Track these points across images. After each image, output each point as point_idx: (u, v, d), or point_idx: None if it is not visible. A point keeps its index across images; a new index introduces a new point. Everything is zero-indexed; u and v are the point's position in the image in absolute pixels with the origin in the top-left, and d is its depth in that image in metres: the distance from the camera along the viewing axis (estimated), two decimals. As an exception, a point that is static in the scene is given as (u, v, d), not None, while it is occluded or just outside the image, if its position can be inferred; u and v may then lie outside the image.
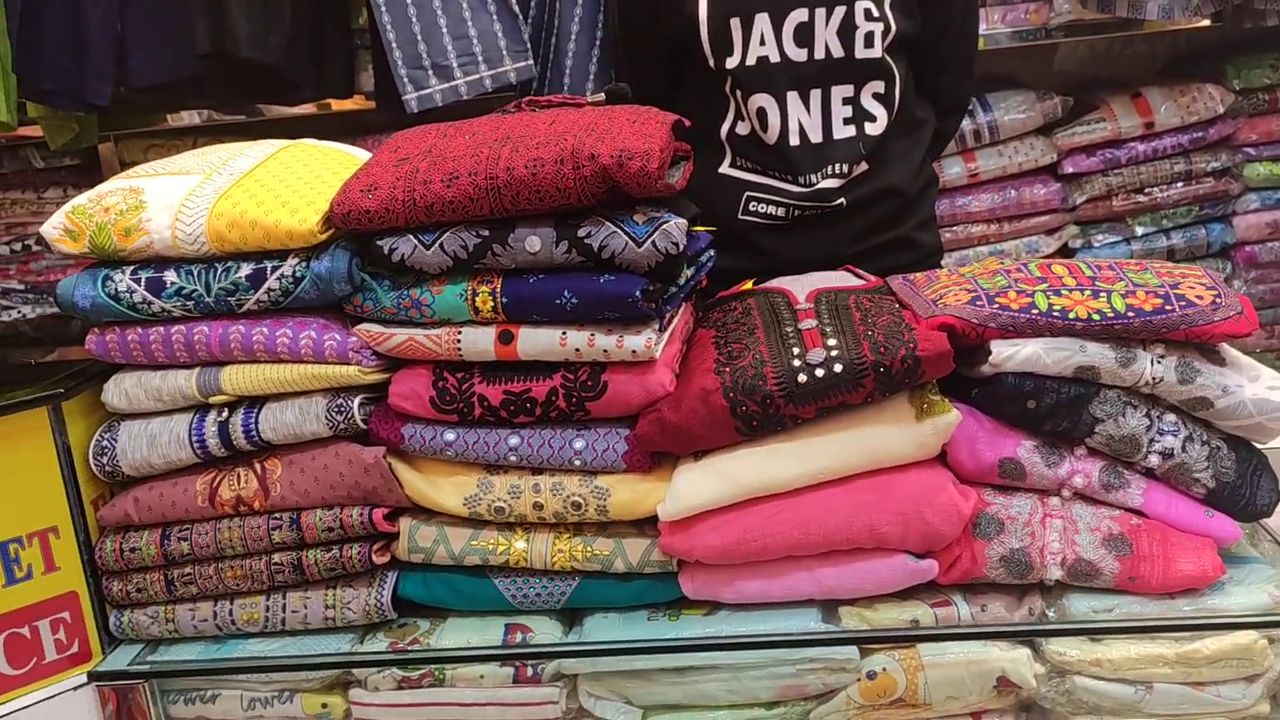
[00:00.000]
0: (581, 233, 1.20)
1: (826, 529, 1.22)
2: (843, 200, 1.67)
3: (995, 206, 2.31)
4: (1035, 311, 1.20)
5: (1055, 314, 1.20)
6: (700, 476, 1.23)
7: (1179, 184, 2.41)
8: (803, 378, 1.18)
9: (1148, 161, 2.39)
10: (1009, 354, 1.19)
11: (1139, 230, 2.43)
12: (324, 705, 1.31)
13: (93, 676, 1.30)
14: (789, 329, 1.27)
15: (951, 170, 2.34)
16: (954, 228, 2.37)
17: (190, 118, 2.93)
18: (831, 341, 1.21)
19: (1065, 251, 2.43)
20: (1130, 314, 1.19)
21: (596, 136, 1.20)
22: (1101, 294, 1.22)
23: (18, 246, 2.56)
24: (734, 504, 1.23)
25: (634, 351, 1.21)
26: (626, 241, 1.19)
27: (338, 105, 2.71)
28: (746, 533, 1.22)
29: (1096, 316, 1.19)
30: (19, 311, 2.50)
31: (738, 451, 1.23)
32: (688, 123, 1.36)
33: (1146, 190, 2.41)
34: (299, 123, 2.77)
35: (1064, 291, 1.23)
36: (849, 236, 1.69)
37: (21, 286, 2.53)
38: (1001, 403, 1.22)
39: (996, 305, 1.22)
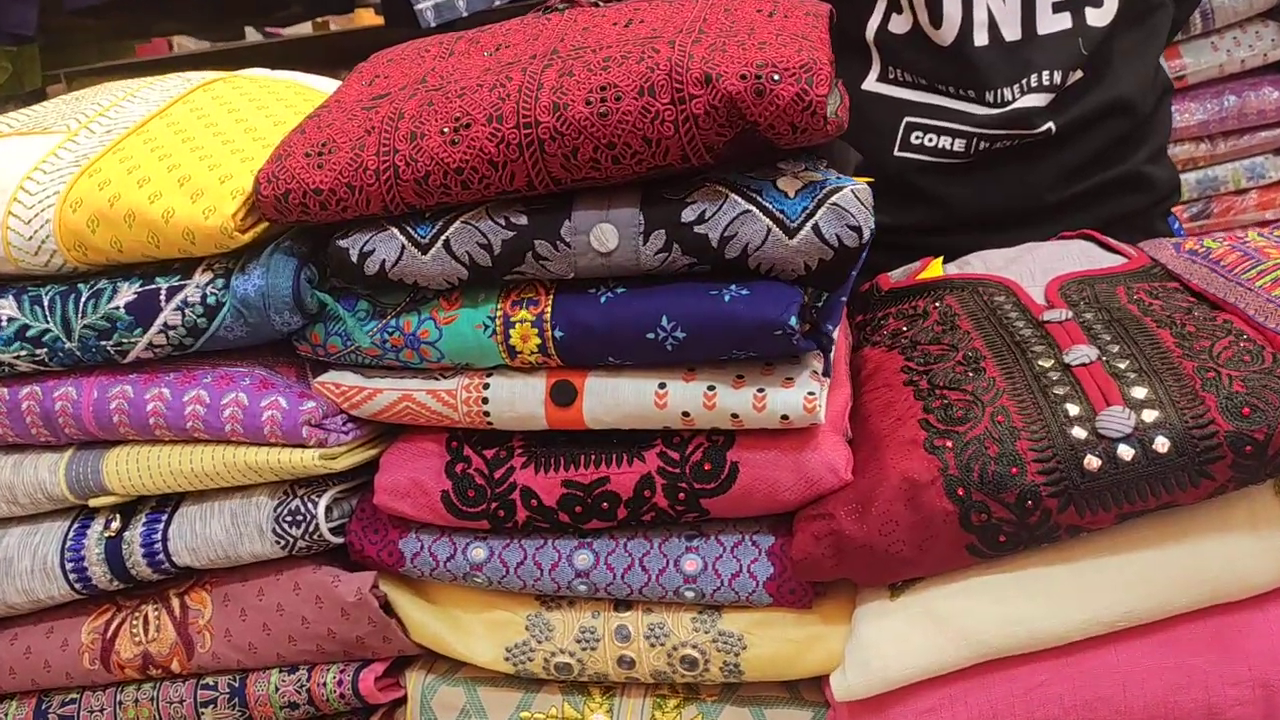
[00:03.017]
0: (689, 215, 0.69)
1: (1129, 713, 0.71)
2: (1051, 125, 1.16)
3: (1208, 119, 1.75)
4: None
5: None
6: (905, 626, 0.72)
7: None
8: (1094, 462, 0.66)
9: None
10: None
11: (1400, 147, 1.86)
12: None
13: None
14: (1044, 361, 0.74)
15: (1144, 69, 1.78)
16: (1152, 149, 1.82)
17: (170, 46, 2.49)
18: (1139, 392, 0.69)
19: (1302, 176, 1.87)
20: None
21: (710, 42, 0.68)
22: None
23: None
24: (963, 669, 0.72)
25: (784, 416, 0.70)
26: (769, 227, 0.68)
27: (339, 24, 2.24)
28: (987, 717, 0.72)
29: None
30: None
31: (968, 583, 0.72)
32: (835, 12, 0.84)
33: None
34: (295, 46, 2.32)
35: None
36: (1058, 176, 1.20)
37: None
38: None
39: None
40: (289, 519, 0.78)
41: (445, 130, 0.70)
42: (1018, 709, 0.72)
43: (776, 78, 0.64)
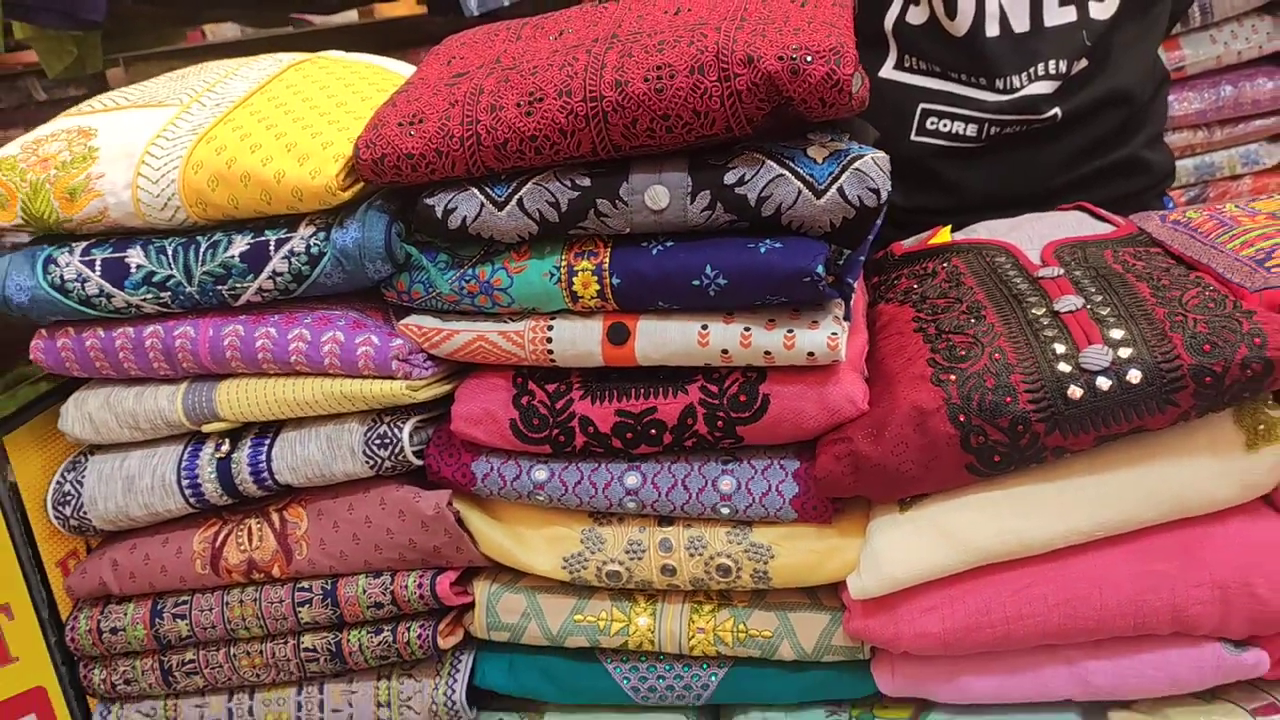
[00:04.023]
0: (730, 178, 0.80)
1: (1104, 611, 0.82)
2: (1057, 111, 1.23)
3: (1206, 108, 1.83)
4: None
5: None
6: (912, 535, 0.84)
7: None
8: (1076, 391, 0.77)
9: (1402, 43, 1.88)
10: (1400, 346, 0.77)
11: (1392, 135, 1.94)
12: (381, 840, 0.96)
13: (71, 800, 0.96)
14: (1037, 310, 0.85)
15: (1142, 61, 1.86)
16: (1150, 136, 1.90)
17: (226, 32, 2.59)
18: (1117, 333, 0.80)
19: (1294, 163, 1.95)
20: None
21: (752, 28, 0.79)
22: None
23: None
24: (962, 573, 0.83)
25: (811, 353, 0.81)
26: (800, 189, 0.79)
27: (383, 11, 2.33)
28: (980, 615, 0.83)
29: None
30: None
31: (968, 498, 0.83)
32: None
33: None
34: (341, 34, 2.41)
35: None
36: (1062, 159, 1.27)
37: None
38: (1378, 419, 0.80)
39: (1377, 270, 0.79)
40: (377, 442, 0.89)
41: (521, 103, 0.81)
42: (1007, 607, 0.83)
43: (810, 59, 0.75)
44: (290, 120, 0.89)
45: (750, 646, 0.90)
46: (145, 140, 0.89)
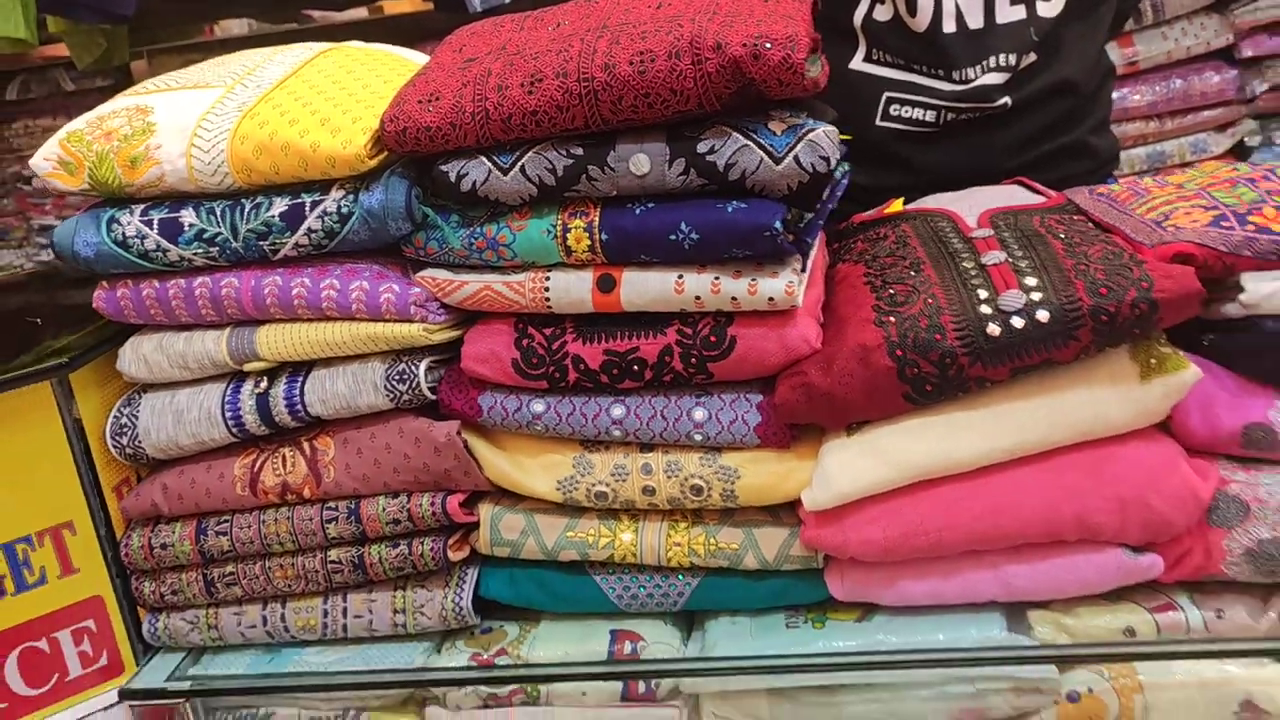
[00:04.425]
0: (702, 147, 0.93)
1: (1022, 519, 0.95)
2: (1007, 100, 1.36)
3: (1157, 100, 1.97)
4: (1303, 234, 0.91)
5: (1330, 237, 0.91)
6: (857, 456, 0.97)
7: (1378, 66, 2.04)
8: (995, 329, 0.91)
9: (1342, 40, 2.02)
10: (1269, 290, 0.91)
11: (1329, 124, 2.08)
12: (396, 729, 1.10)
13: (124, 695, 1.09)
14: (968, 263, 0.99)
15: (1106, 57, 1.99)
16: (1108, 126, 2.03)
17: (234, 27, 2.71)
18: (1030, 280, 0.93)
19: (1240, 151, 2.09)
20: None
21: (722, 20, 0.92)
22: (1389, 208, 0.92)
23: (53, 178, 2.34)
24: (900, 489, 0.97)
25: (771, 299, 0.95)
26: (761, 157, 0.92)
27: (391, 7, 2.46)
28: (916, 525, 0.97)
29: (1387, 239, 0.90)
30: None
31: (905, 424, 0.97)
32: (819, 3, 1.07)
33: (1341, 75, 2.04)
34: (350, 29, 2.54)
35: (1336, 206, 0.94)
36: (1013, 144, 1.40)
37: (59, 222, 2.32)
38: (1253, 354, 0.94)
39: (1251, 226, 0.93)
40: (397, 378, 1.03)
41: (524, 84, 0.95)
42: (939, 516, 0.96)
43: (769, 45, 0.88)
44: (323, 99, 1.03)
45: (719, 558, 1.03)
46: (197, 116, 1.03)
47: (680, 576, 1.06)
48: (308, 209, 1.00)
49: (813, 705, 1.04)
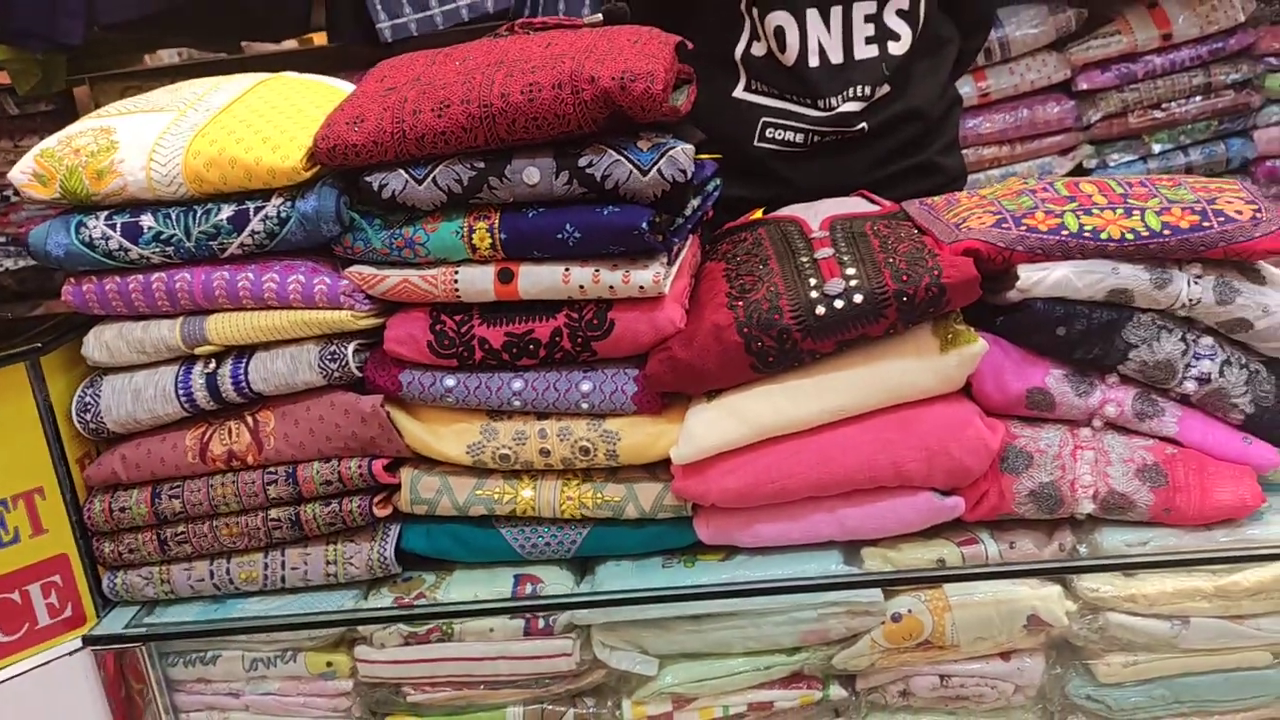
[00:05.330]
0: (583, 162, 1.13)
1: (847, 468, 1.16)
2: (864, 125, 1.58)
3: (1007, 127, 2.22)
4: (1065, 233, 1.14)
5: (1086, 234, 1.13)
6: (714, 417, 1.17)
7: (1197, 98, 2.32)
8: (821, 310, 1.12)
9: (1165, 75, 2.30)
10: (1037, 278, 1.13)
11: (1156, 148, 2.35)
12: (329, 664, 1.27)
13: (88, 641, 1.25)
14: (804, 259, 1.20)
15: (962, 90, 2.23)
16: (964, 150, 2.27)
17: (169, 57, 2.84)
18: (850, 271, 1.14)
19: (1080, 172, 2.34)
20: (1166, 232, 1.12)
21: (596, 58, 1.12)
22: (1134, 212, 1.15)
23: (-3, 198, 2.49)
24: (750, 445, 1.17)
25: (641, 287, 1.14)
26: (631, 170, 1.12)
27: (320, 39, 2.62)
28: (764, 474, 1.17)
29: (1130, 236, 1.13)
30: (0, 265, 2.43)
31: (753, 390, 1.17)
32: (690, 45, 1.28)
33: (1164, 105, 2.32)
34: (283, 58, 2.68)
35: (1094, 211, 1.16)
36: (870, 163, 1.61)
37: (2, 239, 2.45)
38: (1030, 330, 1.16)
39: (1024, 227, 1.15)
40: (329, 358, 1.20)
41: (435, 109, 1.14)
42: (783, 467, 1.16)
43: (633, 78, 1.09)
44: (264, 120, 1.21)
45: (605, 510, 1.22)
46: (154, 135, 1.20)
47: (573, 527, 1.24)
48: (252, 214, 1.17)
49: (685, 633, 1.24)
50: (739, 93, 1.63)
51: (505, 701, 1.28)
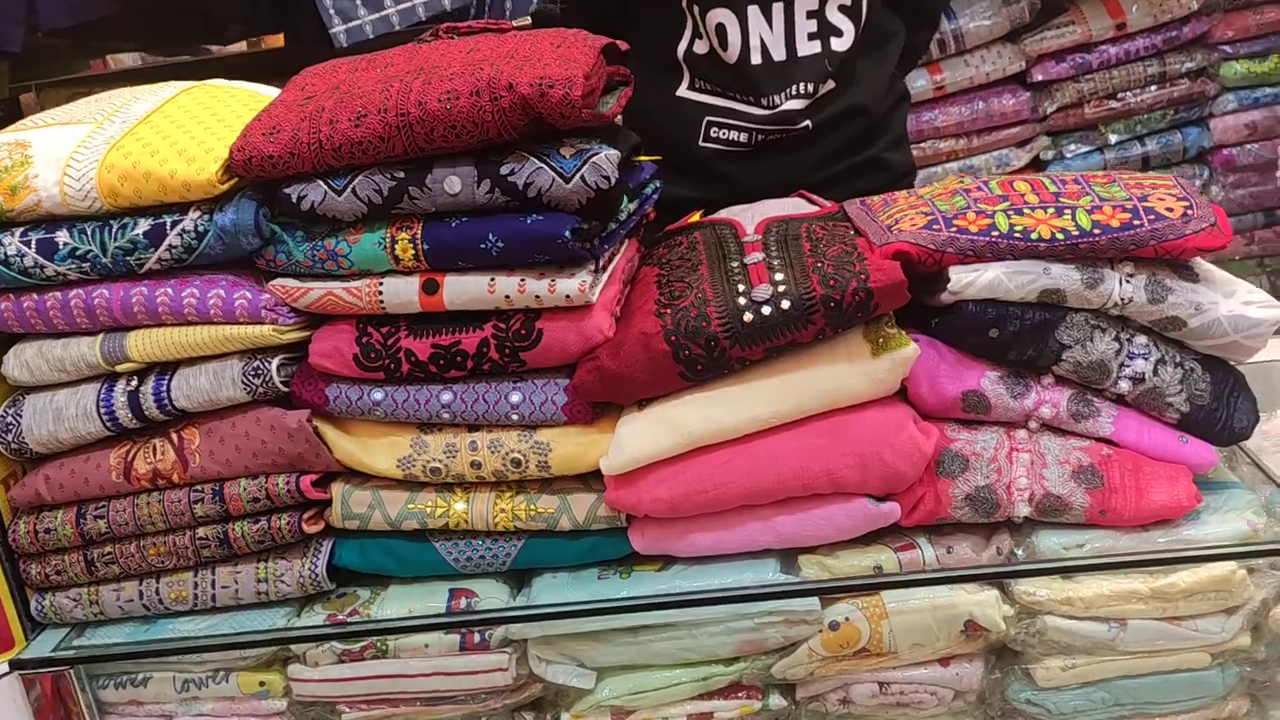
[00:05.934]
0: (504, 170, 1.11)
1: (780, 475, 1.14)
2: (808, 122, 1.56)
3: (963, 120, 2.20)
4: (995, 233, 1.12)
5: (1017, 235, 1.12)
6: (644, 426, 1.15)
7: (1153, 87, 2.31)
8: (748, 317, 1.10)
9: (1120, 65, 2.29)
10: (968, 280, 1.11)
11: (1112, 138, 2.34)
12: (261, 683, 1.25)
13: (15, 665, 1.23)
14: (734, 264, 1.18)
15: (916, 84, 2.23)
16: (920, 144, 2.27)
17: (131, 61, 2.80)
18: (779, 276, 1.13)
19: (1037, 164, 2.33)
20: (1096, 231, 1.11)
21: (516, 64, 1.10)
22: (1066, 211, 1.14)
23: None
24: (682, 454, 1.15)
25: (568, 296, 1.12)
26: (553, 177, 1.10)
27: (271, 42, 2.59)
28: (696, 483, 1.15)
29: (1060, 235, 1.11)
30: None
31: (683, 398, 1.15)
32: (624, 46, 1.25)
33: (1119, 95, 2.31)
34: (238, 61, 2.65)
35: (1026, 210, 1.15)
36: (816, 161, 1.60)
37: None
38: (962, 332, 1.15)
39: (954, 228, 1.13)
40: (253, 373, 1.18)
41: (352, 118, 1.11)
42: (715, 475, 1.14)
43: (550, 85, 1.07)
44: (181, 132, 1.18)
45: (539, 521, 1.20)
46: (69, 149, 1.17)
47: (507, 539, 1.23)
48: (168, 228, 1.15)
49: (622, 645, 1.22)
50: (682, 91, 1.62)
51: (442, 718, 1.26)
